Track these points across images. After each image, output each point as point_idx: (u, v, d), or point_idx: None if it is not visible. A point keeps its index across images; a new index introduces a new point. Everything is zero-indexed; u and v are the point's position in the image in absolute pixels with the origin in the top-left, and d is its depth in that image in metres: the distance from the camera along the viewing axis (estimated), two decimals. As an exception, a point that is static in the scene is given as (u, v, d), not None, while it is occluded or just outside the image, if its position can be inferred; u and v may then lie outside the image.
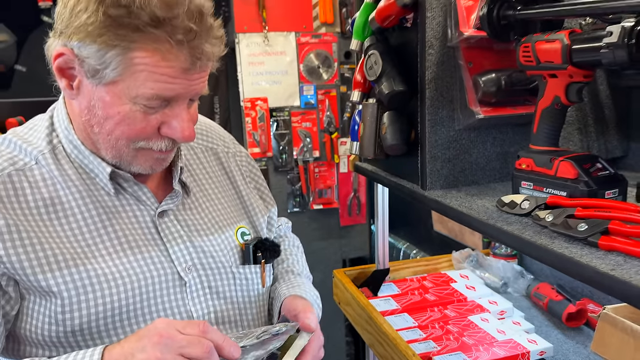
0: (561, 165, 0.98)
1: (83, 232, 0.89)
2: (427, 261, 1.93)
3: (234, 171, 1.16)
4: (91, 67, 0.80)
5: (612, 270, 0.74)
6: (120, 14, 0.76)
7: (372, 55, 1.33)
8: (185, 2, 0.79)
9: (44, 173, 0.89)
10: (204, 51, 0.82)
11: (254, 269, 1.08)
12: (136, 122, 0.84)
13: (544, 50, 0.98)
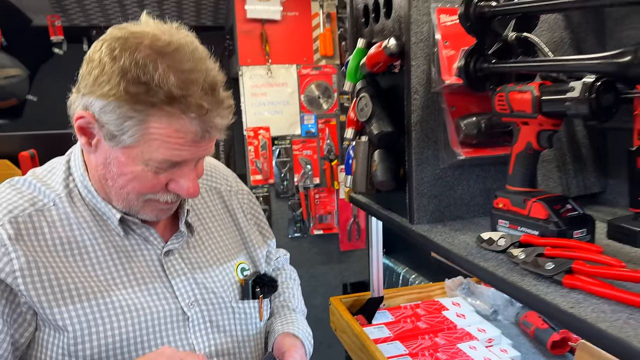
0: (534, 206, 1.06)
1: (95, 269, 0.96)
2: (421, 289, 1.99)
3: (235, 209, 1.23)
4: (109, 132, 0.88)
5: (571, 308, 0.81)
6: (140, 91, 0.83)
7: (363, 97, 1.43)
8: (200, 80, 0.86)
9: (61, 214, 0.97)
10: (214, 124, 0.90)
11: (252, 303, 1.15)
12: (147, 180, 0.91)
13: (517, 100, 1.07)
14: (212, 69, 0.92)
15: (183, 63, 0.86)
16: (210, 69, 0.92)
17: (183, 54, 0.87)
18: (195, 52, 0.90)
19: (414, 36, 1.28)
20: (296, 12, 3.01)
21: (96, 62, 0.87)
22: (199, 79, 0.86)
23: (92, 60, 0.88)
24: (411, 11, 1.27)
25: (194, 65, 0.87)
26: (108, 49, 0.86)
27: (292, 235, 3.08)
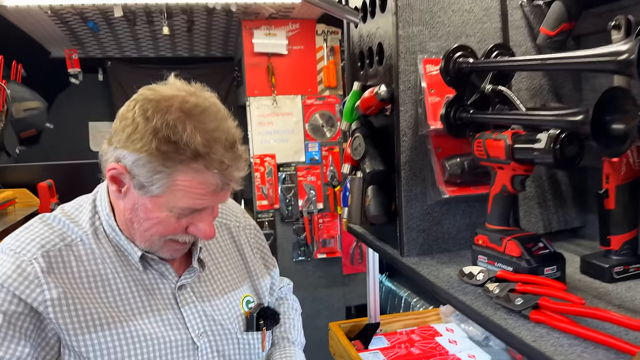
0: (508, 244, 1.16)
1: (116, 300, 1.05)
2: (417, 315, 2.08)
3: (243, 243, 1.32)
4: (139, 182, 0.96)
5: (533, 341, 0.90)
6: (170, 149, 0.92)
7: (357, 137, 1.54)
8: (222, 139, 0.96)
9: (87, 249, 1.06)
10: (233, 177, 1.00)
11: (256, 335, 1.22)
12: (170, 224, 1.01)
13: (492, 147, 1.17)
14: (231, 127, 1.01)
15: (208, 123, 0.96)
16: (230, 127, 1.01)
17: (208, 115, 0.97)
18: (218, 113, 1.00)
19: (402, 84, 1.39)
20: (301, 45, 3.15)
21: (130, 120, 0.96)
22: (221, 137, 0.96)
23: (126, 118, 0.97)
24: (399, 61, 1.39)
25: (217, 125, 0.97)
26: (141, 110, 0.96)
27: (296, 259, 3.18)
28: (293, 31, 3.15)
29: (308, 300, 3.15)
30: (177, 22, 3.13)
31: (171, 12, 2.92)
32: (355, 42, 1.74)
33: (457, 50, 1.23)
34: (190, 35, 3.45)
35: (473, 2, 1.42)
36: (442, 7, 1.40)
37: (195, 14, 3.01)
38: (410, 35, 1.38)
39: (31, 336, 0.95)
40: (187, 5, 2.76)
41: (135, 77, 3.84)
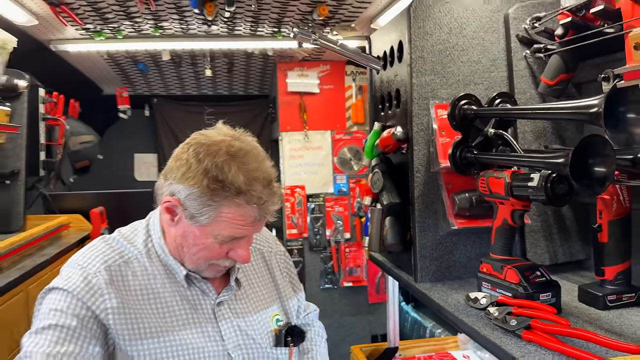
0: (508, 272, 1.28)
1: (164, 312, 1.20)
2: (436, 341, 2.18)
3: (274, 267, 1.46)
4: (190, 213, 1.11)
5: (522, 357, 1.03)
6: (217, 187, 1.07)
7: (376, 173, 1.70)
8: (260, 178, 1.13)
9: (141, 267, 1.22)
10: (269, 211, 1.16)
11: (283, 350, 1.34)
12: (214, 250, 1.17)
13: (494, 184, 1.31)
14: (268, 167, 1.18)
15: (249, 164, 1.13)
16: (268, 167, 1.18)
17: (249, 158, 1.14)
18: (258, 156, 1.17)
19: (416, 126, 1.55)
20: (332, 85, 3.37)
21: (184, 161, 1.14)
22: (260, 177, 1.13)
23: (181, 158, 1.15)
24: (413, 106, 1.55)
25: (257, 166, 1.14)
26: (194, 152, 1.13)
27: (323, 287, 3.31)
28: (324, 72, 3.37)
29: (334, 327, 3.26)
30: (219, 64, 3.40)
31: (214, 55, 3.18)
32: (377, 87, 1.92)
33: (462, 99, 1.39)
34: (230, 76, 3.71)
35: (481, 54, 1.58)
36: (452, 59, 1.57)
37: (236, 57, 3.26)
38: (423, 83, 1.55)
39: (99, 338, 1.11)
40: (229, 50, 3.02)
41: (178, 113, 4.12)
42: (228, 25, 2.56)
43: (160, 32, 2.60)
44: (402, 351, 2.09)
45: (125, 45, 2.74)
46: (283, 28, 2.59)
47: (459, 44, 1.57)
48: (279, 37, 2.70)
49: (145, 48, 2.84)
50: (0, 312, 1.54)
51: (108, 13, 2.29)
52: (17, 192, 2.42)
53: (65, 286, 1.11)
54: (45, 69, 2.62)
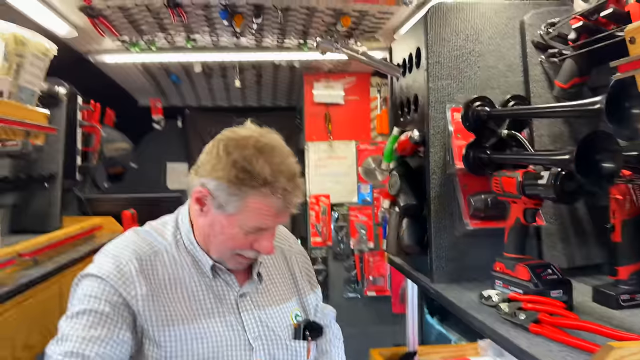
0: (520, 270, 1.31)
1: (191, 302, 1.26)
2: (456, 347, 2.18)
3: (294, 266, 1.51)
4: (218, 203, 1.18)
5: (528, 347, 1.05)
6: (245, 177, 1.14)
7: (394, 175, 1.75)
8: (285, 171, 1.20)
9: (170, 257, 1.28)
10: (292, 202, 1.23)
11: (302, 344, 1.38)
12: (239, 239, 1.23)
13: (507, 183, 1.34)
14: (292, 163, 1.25)
15: (275, 158, 1.20)
16: (292, 162, 1.25)
17: (275, 152, 1.21)
18: (283, 151, 1.24)
19: (432, 129, 1.60)
20: (357, 96, 3.44)
21: (214, 154, 1.22)
22: (285, 170, 1.20)
23: (210, 153, 1.23)
24: (430, 110, 1.60)
25: (282, 160, 1.21)
26: (224, 147, 1.19)
27: (346, 295, 3.34)
28: (349, 83, 3.45)
29: (357, 337, 3.27)
30: (248, 76, 3.51)
31: (243, 67, 3.29)
32: (396, 93, 1.97)
33: (476, 100, 1.43)
34: (258, 88, 3.83)
35: (497, 60, 1.62)
36: (469, 64, 1.61)
37: (264, 69, 3.37)
38: (439, 87, 1.60)
39: (130, 324, 1.17)
40: (257, 62, 3.13)
41: (209, 123, 4.25)
42: (256, 37, 2.66)
43: (192, 44, 2.72)
44: (421, 356, 2.10)
45: (159, 57, 2.88)
46: (308, 40, 2.68)
47: (476, 50, 1.62)
48: (304, 49, 2.78)
49: (178, 60, 2.97)
50: (36, 302, 1.64)
51: (142, 25, 2.42)
52: (55, 194, 2.54)
53: (99, 273, 1.18)
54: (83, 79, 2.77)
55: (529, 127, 1.58)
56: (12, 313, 1.48)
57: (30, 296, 1.60)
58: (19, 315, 1.52)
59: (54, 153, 2.53)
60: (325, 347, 1.51)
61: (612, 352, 0.84)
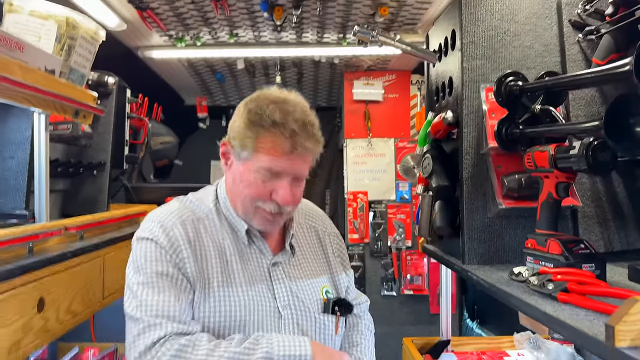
0: (551, 244, 1.28)
1: (227, 267, 1.31)
2: (490, 340, 2.14)
3: (327, 246, 1.54)
4: (236, 152, 1.26)
5: (554, 312, 1.04)
6: (256, 119, 1.22)
7: (427, 158, 1.75)
8: (296, 116, 1.24)
9: (211, 223, 1.35)
10: (302, 144, 1.25)
11: (331, 318, 1.41)
12: (257, 186, 1.27)
13: (539, 158, 1.33)
14: (308, 114, 1.29)
15: (287, 107, 1.26)
16: (307, 114, 1.29)
17: (288, 103, 1.27)
18: (298, 103, 1.29)
19: (466, 108, 1.60)
20: (396, 94, 3.44)
21: (236, 112, 1.31)
22: (295, 115, 1.24)
23: (235, 113, 1.33)
24: (464, 90, 1.60)
25: (294, 109, 1.26)
26: (244, 102, 1.30)
27: (383, 293, 3.32)
28: (389, 81, 3.46)
29: (394, 336, 3.24)
30: (289, 74, 3.59)
31: (284, 65, 3.37)
32: (432, 80, 1.98)
33: (509, 76, 1.43)
34: (299, 86, 3.90)
35: (533, 39, 1.61)
36: (504, 44, 1.61)
37: (304, 67, 3.43)
38: (473, 67, 1.60)
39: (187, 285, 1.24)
40: (297, 58, 3.19)
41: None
42: (296, 32, 2.72)
43: (235, 39, 2.81)
44: (454, 347, 2.07)
45: (204, 53, 2.99)
46: (348, 34, 2.73)
47: (511, 29, 1.61)
48: (344, 43, 2.83)
49: (221, 55, 3.07)
50: (80, 272, 1.73)
51: (188, 18, 2.53)
52: (103, 182, 2.67)
53: (151, 236, 1.26)
54: (132, 75, 2.90)
55: (565, 106, 1.56)
56: (59, 278, 1.57)
57: (76, 265, 1.68)
58: (64, 282, 1.60)
59: (104, 142, 2.66)
60: (356, 338, 1.52)
61: (637, 304, 0.82)
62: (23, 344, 1.35)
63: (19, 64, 1.35)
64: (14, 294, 1.32)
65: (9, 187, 1.90)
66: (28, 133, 1.89)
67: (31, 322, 1.39)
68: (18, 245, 1.45)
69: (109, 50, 1.94)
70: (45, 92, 1.49)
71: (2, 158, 1.92)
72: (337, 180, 3.83)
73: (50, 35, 1.56)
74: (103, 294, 1.93)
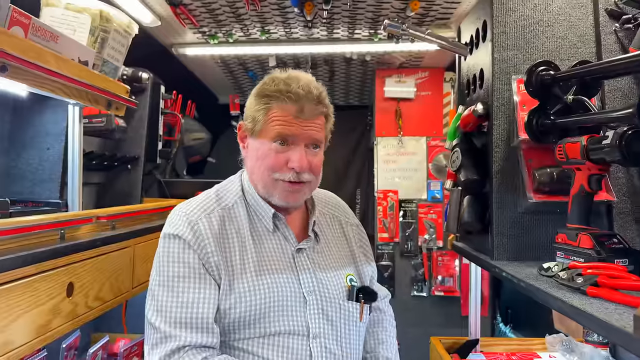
0: (582, 238, 1.24)
1: (253, 254, 1.32)
2: (521, 341, 2.08)
3: (350, 236, 1.55)
4: (250, 128, 1.31)
5: (582, 305, 1.00)
6: (263, 92, 1.29)
7: (456, 151, 1.72)
8: (302, 83, 1.28)
9: (237, 213, 1.36)
10: (307, 107, 1.28)
11: (355, 305, 1.40)
12: (272, 157, 1.28)
13: (571, 149, 1.28)
14: (313, 82, 1.33)
15: (292, 80, 1.30)
16: (313, 82, 1.33)
17: (295, 77, 1.31)
18: (303, 76, 1.33)
19: (497, 100, 1.56)
20: (429, 91, 3.40)
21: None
22: (300, 83, 1.27)
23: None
24: (494, 81, 1.56)
25: (298, 80, 1.30)
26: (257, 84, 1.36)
27: (413, 294, 3.28)
28: (422, 79, 3.42)
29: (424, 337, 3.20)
30: (321, 72, 3.59)
31: (315, 62, 3.37)
32: (463, 73, 1.94)
33: (540, 65, 1.38)
34: (331, 85, 3.89)
35: (567, 30, 1.56)
36: (536, 35, 1.56)
37: (336, 64, 3.43)
38: (505, 58, 1.56)
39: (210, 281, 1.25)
40: (328, 55, 3.19)
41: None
42: (327, 28, 2.72)
43: (266, 36, 2.83)
44: (483, 347, 2.03)
45: (236, 50, 3.02)
46: (379, 30, 2.71)
47: (544, 19, 1.57)
48: (375, 39, 2.81)
49: (253, 52, 3.10)
50: (110, 259, 1.77)
51: (220, 15, 2.56)
52: (137, 176, 2.73)
53: (176, 232, 1.27)
54: (168, 73, 2.97)
55: (601, 99, 1.50)
56: (88, 265, 1.61)
57: (106, 253, 1.72)
58: (93, 269, 1.64)
59: (138, 137, 2.72)
60: (382, 336, 1.52)
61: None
62: (52, 325, 1.39)
63: (54, 54, 1.39)
64: (44, 277, 1.36)
65: (45, 177, 1.97)
66: (63, 125, 1.96)
67: (60, 306, 1.43)
68: (50, 230, 1.49)
69: (146, 48, 1.99)
70: (78, 83, 1.53)
71: (40, 149, 1.99)
72: (368, 180, 3.80)
73: (84, 27, 1.61)
74: (132, 283, 1.96)
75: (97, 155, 2.35)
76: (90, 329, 2.57)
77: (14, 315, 1.24)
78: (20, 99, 1.94)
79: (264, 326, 1.27)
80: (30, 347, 1.32)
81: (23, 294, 1.27)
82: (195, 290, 1.23)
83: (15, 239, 1.35)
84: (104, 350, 2.10)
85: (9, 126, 1.97)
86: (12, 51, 1.21)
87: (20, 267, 1.26)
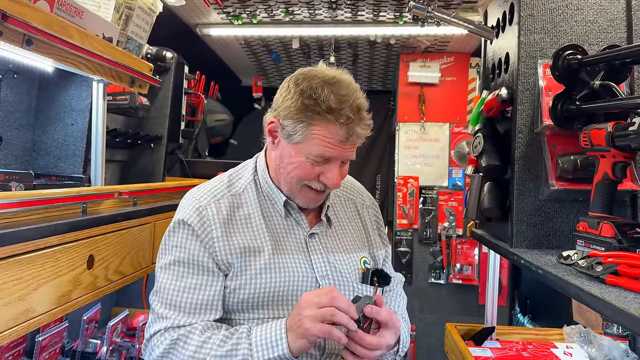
0: (604, 227, 1.21)
1: (265, 237, 1.32)
2: (538, 331, 2.06)
3: (365, 218, 1.55)
4: (287, 132, 1.25)
5: (600, 293, 0.98)
6: (310, 103, 1.20)
7: (478, 137, 1.69)
8: (350, 100, 1.23)
9: (248, 197, 1.37)
10: (356, 132, 1.25)
11: (368, 288, 1.40)
12: (306, 169, 1.28)
13: (595, 136, 1.25)
14: (360, 97, 1.28)
15: (341, 90, 1.24)
16: (359, 97, 1.28)
17: (341, 85, 1.26)
18: (350, 85, 1.28)
19: (521, 85, 1.53)
20: (453, 77, 3.34)
21: (285, 88, 1.30)
22: (350, 100, 1.23)
23: (283, 87, 1.32)
24: (520, 65, 1.53)
25: (348, 92, 1.25)
26: (294, 80, 1.28)
27: (431, 281, 3.26)
28: (447, 64, 3.36)
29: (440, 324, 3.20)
30: (344, 55, 3.56)
31: (339, 45, 3.35)
32: (489, 57, 1.90)
33: (567, 49, 1.35)
34: (355, 69, 3.86)
35: (597, 14, 1.51)
36: (565, 18, 1.52)
37: (360, 47, 3.40)
38: (531, 41, 1.52)
39: (213, 264, 1.28)
40: (352, 38, 3.16)
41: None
42: (351, 10, 2.69)
43: (290, 17, 2.82)
44: (499, 335, 2.01)
45: (260, 31, 3.01)
46: (404, 12, 2.66)
47: (573, 2, 1.52)
48: (400, 22, 2.77)
49: (277, 34, 3.09)
50: (130, 233, 1.80)
51: (245, -6, 2.56)
52: (159, 155, 2.77)
53: (183, 217, 1.30)
54: (191, 53, 2.98)
55: (630, 85, 1.46)
56: (109, 239, 1.64)
57: (126, 228, 1.76)
58: (114, 243, 1.68)
59: (161, 116, 2.75)
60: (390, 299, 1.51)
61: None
62: (73, 295, 1.43)
63: (77, 29, 1.41)
64: (65, 248, 1.39)
65: (69, 152, 2.01)
66: (88, 101, 1.99)
67: (81, 277, 1.46)
68: (72, 204, 1.52)
69: (170, 27, 2.00)
70: (102, 59, 1.55)
71: (64, 125, 2.03)
72: (389, 166, 3.78)
73: (109, 4, 1.62)
74: (152, 259, 2.00)
75: (120, 133, 2.38)
76: (111, 303, 2.64)
77: (35, 284, 1.27)
78: (46, 74, 1.98)
79: (275, 308, 1.29)
80: (51, 316, 1.35)
81: (45, 263, 1.31)
82: (192, 277, 1.27)
83: (38, 211, 1.38)
84: (123, 324, 2.16)
85: (35, 101, 2.01)
86: (37, 24, 1.22)
87: (42, 237, 1.30)
